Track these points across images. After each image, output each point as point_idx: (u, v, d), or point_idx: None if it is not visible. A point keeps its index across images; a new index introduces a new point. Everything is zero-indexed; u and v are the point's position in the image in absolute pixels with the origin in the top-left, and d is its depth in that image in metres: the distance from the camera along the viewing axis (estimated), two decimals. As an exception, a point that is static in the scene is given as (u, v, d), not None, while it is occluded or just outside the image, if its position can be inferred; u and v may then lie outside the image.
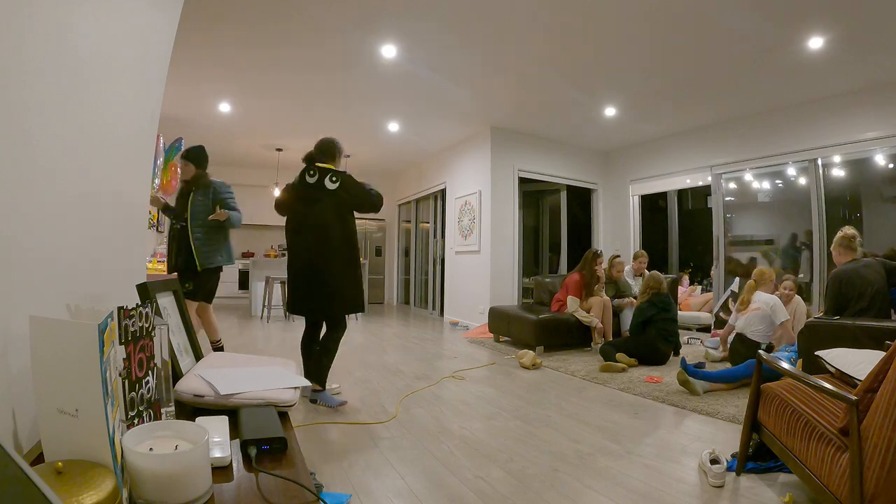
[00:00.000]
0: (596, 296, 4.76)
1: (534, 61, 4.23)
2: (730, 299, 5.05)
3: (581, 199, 7.53)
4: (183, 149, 3.98)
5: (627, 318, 4.69)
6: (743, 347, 3.59)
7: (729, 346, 3.89)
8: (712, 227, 5.93)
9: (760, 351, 1.98)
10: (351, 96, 5.15)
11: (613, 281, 5.13)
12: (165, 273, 3.84)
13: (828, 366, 1.80)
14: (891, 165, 4.77)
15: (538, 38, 3.79)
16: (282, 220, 2.90)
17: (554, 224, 7.65)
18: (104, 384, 0.61)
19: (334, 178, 2.74)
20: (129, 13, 1.32)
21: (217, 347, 3.59)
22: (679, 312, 5.00)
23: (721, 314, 5.24)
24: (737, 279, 5.34)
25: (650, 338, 4.00)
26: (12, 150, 0.77)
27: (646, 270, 5.34)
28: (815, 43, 3.68)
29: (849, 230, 3.17)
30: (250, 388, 1.05)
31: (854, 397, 1.27)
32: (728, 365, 3.73)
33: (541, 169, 6.71)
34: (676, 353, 4.19)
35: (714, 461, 1.87)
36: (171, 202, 3.63)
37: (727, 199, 5.98)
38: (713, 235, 5.91)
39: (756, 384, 1.88)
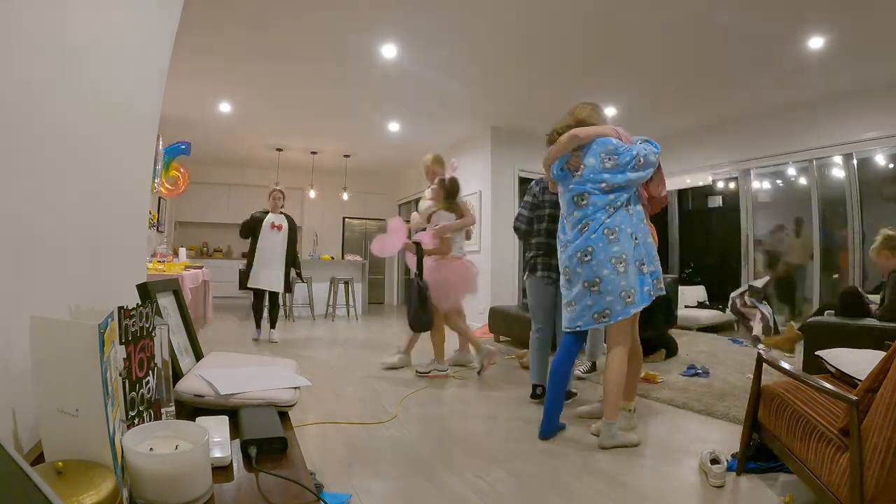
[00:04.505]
0: None
1: (534, 61, 4.22)
2: (746, 293, 4.91)
3: (581, 199, 7.52)
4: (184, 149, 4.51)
5: None
6: None
7: None
8: (716, 227, 5.87)
9: (760, 351, 1.98)
10: (351, 96, 5.14)
11: None
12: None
13: (828, 366, 1.80)
14: (891, 165, 4.77)
15: (539, 37, 3.78)
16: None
17: (554, 224, 7.64)
18: (104, 384, 0.61)
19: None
20: (129, 12, 1.32)
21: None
22: (681, 313, 4.96)
23: (740, 307, 4.97)
24: (767, 277, 5.23)
25: (650, 337, 3.99)
26: (12, 150, 0.77)
27: None
28: (816, 43, 3.68)
29: (890, 230, 2.84)
30: (250, 388, 1.04)
31: (854, 397, 1.27)
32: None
33: (541, 169, 6.69)
34: (669, 356, 4.08)
35: (714, 461, 1.86)
36: (170, 203, 3.68)
37: (729, 199, 5.97)
38: (741, 233, 5.80)
39: (756, 384, 1.87)
